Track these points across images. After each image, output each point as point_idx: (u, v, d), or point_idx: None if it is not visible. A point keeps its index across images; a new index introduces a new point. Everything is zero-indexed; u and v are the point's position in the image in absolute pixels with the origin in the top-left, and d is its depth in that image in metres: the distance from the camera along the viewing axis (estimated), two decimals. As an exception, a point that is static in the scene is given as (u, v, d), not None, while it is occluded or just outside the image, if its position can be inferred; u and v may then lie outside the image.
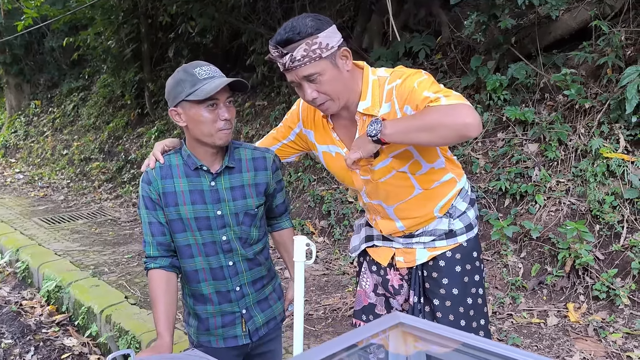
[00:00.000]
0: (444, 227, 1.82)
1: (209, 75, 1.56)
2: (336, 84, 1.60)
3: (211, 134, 1.59)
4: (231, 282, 1.73)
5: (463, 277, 1.83)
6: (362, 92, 1.67)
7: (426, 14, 5.46)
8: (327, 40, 1.56)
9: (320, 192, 5.04)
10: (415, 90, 1.56)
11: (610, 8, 4.00)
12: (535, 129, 3.92)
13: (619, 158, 3.44)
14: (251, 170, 1.73)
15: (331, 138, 1.80)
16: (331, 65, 1.58)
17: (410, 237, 1.85)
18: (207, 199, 1.67)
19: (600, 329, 2.96)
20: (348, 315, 3.43)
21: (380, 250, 1.93)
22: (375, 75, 1.69)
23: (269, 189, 1.77)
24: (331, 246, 4.55)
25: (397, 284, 1.91)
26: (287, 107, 6.08)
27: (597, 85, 3.88)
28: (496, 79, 4.20)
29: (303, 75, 1.56)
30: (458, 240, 1.83)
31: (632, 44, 3.83)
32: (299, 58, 1.53)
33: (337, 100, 1.63)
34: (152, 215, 1.69)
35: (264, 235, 1.81)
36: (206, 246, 1.69)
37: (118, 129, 9.03)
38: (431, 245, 1.83)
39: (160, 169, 1.68)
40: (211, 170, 1.67)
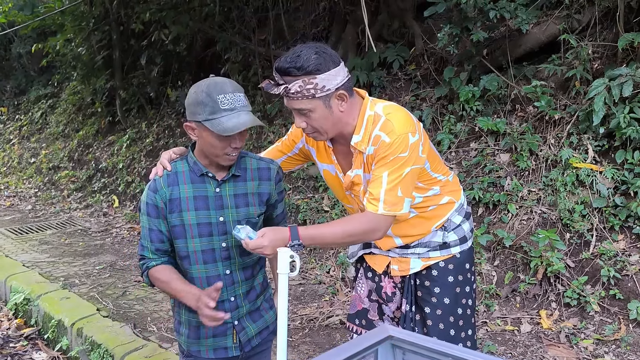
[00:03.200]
0: (439, 240, 1.88)
1: (231, 106, 1.55)
2: (324, 122, 1.66)
3: (218, 156, 1.64)
4: (226, 292, 1.74)
5: (455, 287, 1.88)
6: (357, 126, 1.71)
7: (400, 25, 5.53)
8: (325, 83, 1.61)
9: (295, 201, 5.03)
10: (382, 165, 1.66)
11: (578, 22, 4.13)
12: (507, 139, 4.00)
13: (588, 168, 3.54)
14: (255, 179, 1.76)
15: (330, 160, 1.87)
16: (323, 106, 1.63)
17: (406, 248, 1.91)
18: (211, 205, 1.70)
19: (572, 335, 3.03)
20: (325, 325, 3.43)
21: (377, 257, 1.98)
22: (373, 110, 1.72)
23: (270, 199, 1.79)
24: (307, 255, 4.54)
25: (390, 291, 1.97)
26: (262, 116, 6.07)
27: (566, 97, 3.99)
28: (469, 90, 4.28)
29: (294, 107, 1.64)
30: (452, 252, 1.90)
31: (599, 57, 3.95)
32: (292, 92, 1.59)
33: (324, 134, 1.69)
34: (153, 223, 1.70)
35: None
36: (205, 253, 1.70)
37: (88, 137, 8.87)
38: (425, 255, 1.89)
39: (167, 176, 1.71)
40: (217, 178, 1.71)
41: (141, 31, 7.35)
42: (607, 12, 3.98)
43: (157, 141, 7.46)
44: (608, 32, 3.99)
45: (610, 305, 3.13)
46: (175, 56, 7.47)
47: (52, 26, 8.68)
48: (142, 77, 7.97)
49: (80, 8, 7.87)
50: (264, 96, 6.25)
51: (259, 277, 1.85)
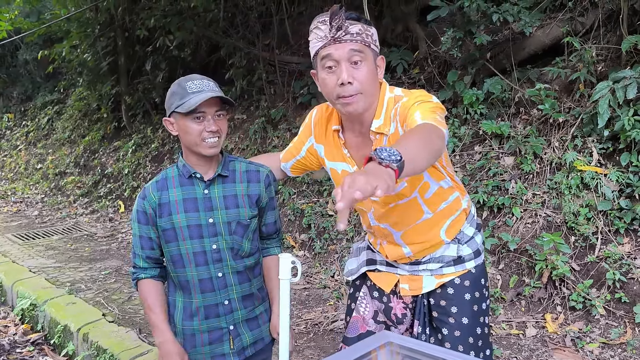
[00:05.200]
0: (452, 254, 1.73)
1: (198, 89, 1.60)
2: (371, 80, 1.55)
3: (197, 144, 1.64)
4: (220, 294, 1.73)
5: (472, 305, 1.73)
6: (377, 109, 1.61)
7: (403, 29, 5.55)
8: (376, 38, 1.58)
9: (300, 206, 5.04)
10: (411, 109, 1.50)
11: (582, 25, 4.12)
12: (511, 142, 4.00)
13: (592, 171, 3.53)
14: (244, 181, 1.76)
15: (341, 154, 1.73)
16: (373, 60, 1.56)
17: (417, 264, 1.76)
18: (200, 206, 1.70)
19: (578, 339, 3.01)
20: (330, 330, 3.43)
21: (383, 275, 1.83)
22: (393, 93, 1.63)
23: (261, 201, 1.78)
24: (312, 260, 4.55)
25: (400, 312, 1.81)
26: (267, 121, 6.09)
27: (570, 99, 3.98)
28: (472, 93, 4.28)
29: (351, 48, 1.50)
30: (467, 267, 1.74)
31: (603, 60, 3.94)
32: (352, 32, 1.50)
33: (367, 97, 1.55)
34: (143, 230, 1.73)
35: (256, 251, 1.81)
36: (196, 255, 1.70)
37: (94, 142, 8.92)
38: (439, 272, 1.74)
39: (157, 182, 1.74)
40: (204, 178, 1.71)
41: (146, 37, 7.39)
42: (610, 14, 3.97)
43: (163, 146, 7.49)
44: (612, 34, 3.99)
45: (616, 309, 3.12)
46: (180, 61, 7.51)
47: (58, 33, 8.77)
48: (147, 82, 8.01)
49: (85, 15, 7.93)
50: (268, 101, 6.27)
51: (256, 283, 1.82)
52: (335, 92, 1.53)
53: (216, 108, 1.63)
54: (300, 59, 6.09)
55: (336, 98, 1.54)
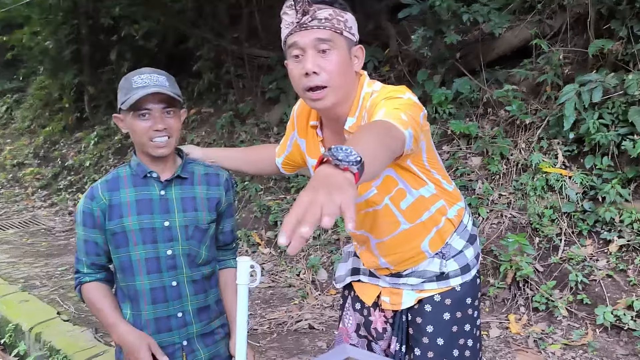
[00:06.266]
0: (435, 269, 1.58)
1: (144, 84, 1.47)
2: (342, 71, 1.38)
3: (145, 143, 1.52)
4: (173, 306, 1.59)
5: (451, 326, 1.59)
6: (353, 104, 1.44)
7: (375, 26, 5.51)
8: (352, 24, 1.41)
9: (267, 202, 4.95)
10: (378, 105, 1.33)
11: (550, 28, 4.16)
12: (479, 142, 4.00)
13: (557, 173, 3.56)
14: (203, 184, 1.65)
15: (319, 152, 1.57)
16: (346, 49, 1.39)
17: (398, 276, 1.62)
18: (155, 209, 1.57)
19: (540, 340, 3.03)
20: (294, 330, 3.36)
21: (366, 287, 1.71)
22: (371, 87, 1.46)
23: (220, 205, 1.67)
24: (277, 258, 4.47)
25: (380, 327, 1.68)
26: (235, 115, 5.98)
27: (537, 101, 4.01)
28: (442, 93, 4.27)
29: (316, 37, 1.35)
30: (451, 284, 1.58)
31: (570, 63, 3.98)
32: (321, 18, 1.35)
33: (336, 91, 1.38)
34: (89, 234, 1.58)
35: (213, 259, 1.69)
36: (149, 262, 1.56)
37: (55, 133, 8.63)
38: (419, 287, 1.59)
39: (107, 182, 1.59)
40: (161, 179, 1.58)
41: (111, 26, 7.17)
42: (578, 18, 4.02)
43: (126, 139, 7.28)
44: (579, 37, 4.03)
45: (578, 310, 3.15)
46: (146, 52, 7.31)
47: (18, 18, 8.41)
48: (112, 72, 7.78)
49: (47, 1, 7.64)
50: (236, 95, 6.16)
51: (212, 295, 1.69)
52: (301, 84, 1.39)
53: (164, 105, 1.50)
54: (270, 53, 5.99)
55: (303, 91, 1.40)
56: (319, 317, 3.48)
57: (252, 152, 1.95)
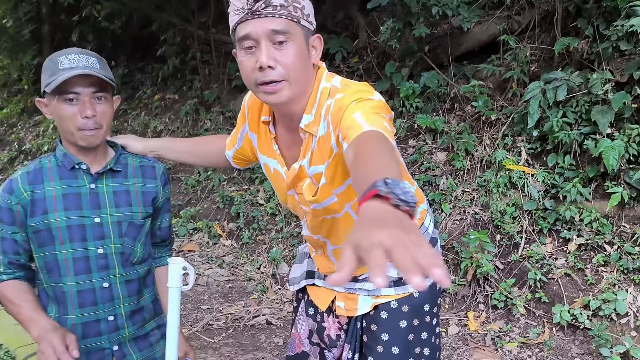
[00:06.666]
0: (393, 274, 1.47)
1: (72, 65, 1.33)
2: (300, 64, 1.26)
3: (71, 132, 1.38)
4: (103, 309, 1.45)
5: (407, 334, 1.50)
6: (309, 100, 1.32)
7: (344, 16, 5.42)
8: (310, 12, 1.28)
9: (230, 193, 4.84)
10: (348, 109, 1.21)
11: (518, 24, 4.14)
12: (444, 137, 3.97)
13: (520, 170, 3.55)
14: (138, 176, 1.53)
15: (272, 151, 1.45)
16: (303, 40, 1.27)
17: (354, 281, 1.52)
18: (85, 203, 1.43)
19: (498, 338, 3.02)
20: (250, 326, 3.28)
21: (320, 291, 1.60)
22: (329, 82, 1.33)
23: (158, 200, 1.56)
24: (239, 250, 4.38)
25: (334, 333, 1.59)
26: (200, 102, 5.82)
27: (503, 98, 4.00)
28: (409, 86, 4.22)
29: (271, 28, 1.21)
30: (408, 290, 1.50)
31: (536, 60, 3.98)
32: (276, 4, 1.21)
33: (293, 85, 1.26)
34: (7, 231, 1.43)
35: (149, 256, 1.57)
36: (77, 262, 1.42)
37: (12, 115, 8.30)
38: (376, 292, 1.50)
39: (28, 174, 1.43)
40: (91, 171, 1.45)
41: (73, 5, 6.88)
42: (545, 15, 4.01)
43: (87, 124, 7.05)
44: (546, 35, 4.02)
45: (536, 309, 3.15)
46: (110, 34, 7.05)
47: (-26, -6, 8.01)
48: (74, 54, 7.48)
49: (6, -24, 7.31)
50: (202, 82, 5.99)
51: (148, 295, 1.57)
52: (253, 78, 1.25)
53: (94, 89, 1.36)
54: (238, 39, 5.84)
55: (256, 85, 1.26)
56: (277, 312, 3.40)
57: (200, 144, 1.81)
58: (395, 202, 0.75)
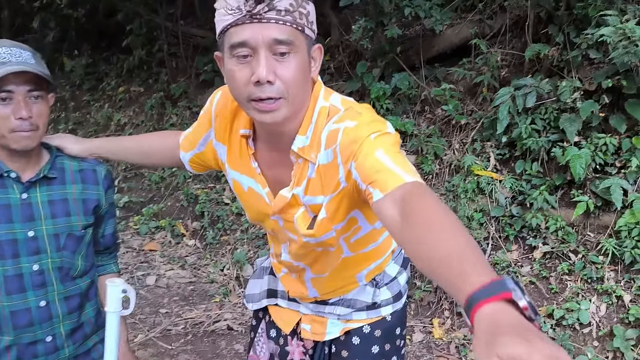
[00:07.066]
0: (367, 299, 1.41)
1: (3, 60, 1.22)
2: (301, 79, 1.09)
3: (2, 134, 1.26)
4: (41, 330, 1.33)
5: (379, 359, 1.44)
6: (305, 120, 1.16)
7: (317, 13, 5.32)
8: (314, 18, 1.13)
9: (194, 191, 4.70)
10: (366, 144, 1.05)
11: (490, 28, 4.12)
12: (414, 141, 3.92)
13: (489, 176, 3.53)
14: (77, 182, 1.40)
15: (249, 167, 1.26)
16: (306, 51, 1.10)
17: (323, 304, 1.43)
18: (15, 216, 1.30)
19: (462, 346, 2.99)
20: (211, 331, 3.18)
21: (284, 312, 1.50)
22: (328, 101, 1.18)
23: (100, 207, 1.44)
24: (202, 250, 4.25)
25: (298, 358, 1.48)
26: (165, 96, 5.65)
27: (473, 102, 3.97)
28: (380, 87, 4.16)
29: (273, 37, 1.03)
30: (382, 313, 1.43)
31: (507, 65, 3.96)
32: (280, 8, 1.03)
33: (292, 103, 1.09)
34: None
35: (91, 267, 1.45)
36: (9, 281, 1.29)
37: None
38: (347, 317, 1.42)
39: None
40: (22, 179, 1.31)
41: (34, -10, 6.61)
42: (517, 20, 3.99)
43: (48, 114, 6.78)
44: (517, 40, 4.01)
45: (500, 316, 3.13)
46: (74, 22, 6.79)
47: None
48: (35, 42, 7.17)
49: (-38, -44, 6.95)
50: (169, 75, 5.82)
51: (90, 309, 1.46)
52: (246, 92, 1.06)
53: (29, 87, 1.26)
54: (207, 32, 5.68)
55: (248, 100, 1.08)
56: (239, 317, 3.30)
57: (146, 142, 1.60)
58: (529, 315, 0.66)
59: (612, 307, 2.89)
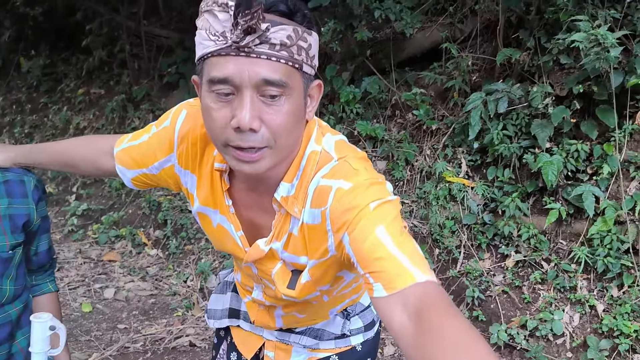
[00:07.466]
0: (336, 331, 1.31)
1: None
2: (292, 125, 0.92)
3: None
4: None
5: None
6: (292, 166, 1.00)
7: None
8: (315, 51, 0.93)
9: (157, 198, 4.50)
10: (366, 218, 0.90)
11: (461, 32, 4.06)
12: (385, 146, 3.83)
13: (460, 183, 3.45)
14: (3, 196, 1.24)
15: (222, 204, 1.09)
16: (302, 92, 0.92)
17: (289, 332, 1.33)
18: None
19: (435, 359, 2.89)
20: (172, 348, 3.00)
21: (246, 336, 1.38)
22: (320, 144, 1.02)
23: (30, 223, 1.28)
24: (165, 260, 4.06)
25: None
26: (127, 99, 5.43)
27: (445, 107, 3.90)
28: (350, 91, 4.06)
29: (263, 77, 0.85)
30: (351, 343, 1.33)
31: (478, 70, 3.91)
32: (275, 42, 0.85)
33: (277, 152, 0.92)
34: None
35: (23, 291, 1.29)
36: None
37: None
38: (313, 346, 1.32)
39: None
40: None
41: (-12, -13, 6.28)
42: (488, 24, 3.94)
43: (2, 117, 6.46)
44: (488, 45, 3.96)
45: (473, 327, 3.05)
46: (31, 21, 6.49)
47: None
48: (-11, 41, 6.85)
49: None
50: (131, 77, 5.59)
51: (22, 338, 1.29)
52: (224, 137, 0.89)
53: None
54: (171, 33, 5.49)
55: (225, 145, 0.91)
56: (202, 332, 3.13)
57: (77, 151, 1.32)
58: None
59: (585, 316, 2.84)
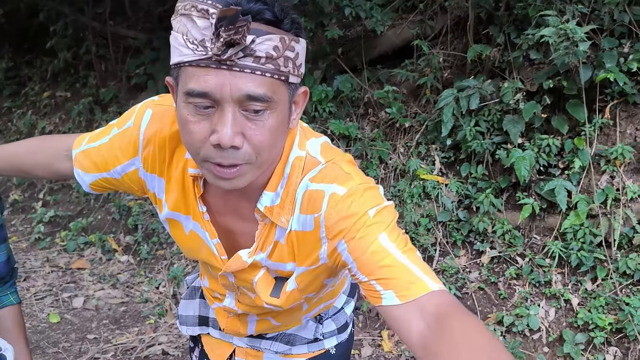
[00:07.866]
0: (309, 336, 1.29)
1: None
2: (275, 141, 0.86)
3: None
4: None
5: None
6: (274, 175, 0.95)
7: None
8: (302, 58, 0.86)
9: (127, 203, 4.39)
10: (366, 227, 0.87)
11: (431, 29, 4.05)
12: (358, 145, 3.79)
13: (434, 180, 3.44)
14: None
15: (195, 210, 1.03)
16: (287, 103, 0.86)
17: (260, 338, 1.29)
18: None
19: (412, 358, 2.87)
20: (144, 357, 2.91)
21: (215, 343, 1.35)
22: (304, 149, 0.97)
23: None
24: (136, 267, 3.96)
25: None
26: (95, 101, 5.29)
27: (417, 104, 3.89)
28: (322, 89, 4.01)
29: (246, 92, 0.79)
30: (325, 346, 1.30)
31: (449, 67, 3.90)
32: (260, 55, 0.78)
33: (258, 167, 0.87)
34: None
35: None
36: None
37: None
38: (285, 351, 1.29)
39: None
40: None
41: (-55, -13, 6.06)
42: (458, 20, 3.94)
43: (-36, 122, 6.23)
44: (459, 41, 3.96)
45: (450, 325, 3.04)
46: (-8, 22, 6.29)
47: None
48: (-52, 43, 6.61)
49: None
50: (98, 78, 5.45)
51: None
52: (202, 152, 0.84)
53: None
54: (138, 33, 5.37)
55: (203, 160, 0.85)
56: (175, 339, 3.05)
57: (31, 153, 1.21)
58: None
59: (560, 311, 2.84)
